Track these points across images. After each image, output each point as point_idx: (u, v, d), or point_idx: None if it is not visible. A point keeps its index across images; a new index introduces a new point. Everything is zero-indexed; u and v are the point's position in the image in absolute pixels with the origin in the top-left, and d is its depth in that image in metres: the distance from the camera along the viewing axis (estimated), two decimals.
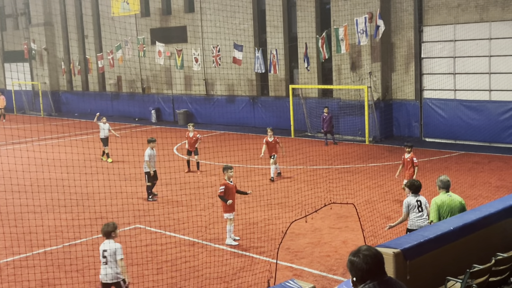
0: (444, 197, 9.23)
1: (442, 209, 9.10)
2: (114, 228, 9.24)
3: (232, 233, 12.93)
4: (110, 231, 9.17)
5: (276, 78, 30.28)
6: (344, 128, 26.21)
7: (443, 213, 9.06)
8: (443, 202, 9.14)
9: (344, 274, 10.65)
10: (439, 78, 24.17)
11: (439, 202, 9.16)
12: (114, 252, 9.04)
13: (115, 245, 9.13)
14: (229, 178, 12.82)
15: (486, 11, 22.58)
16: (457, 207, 9.10)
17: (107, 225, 9.27)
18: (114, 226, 9.28)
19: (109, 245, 9.11)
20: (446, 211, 9.06)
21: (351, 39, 24.97)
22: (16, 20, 45.62)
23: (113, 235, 9.20)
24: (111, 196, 15.80)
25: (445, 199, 9.18)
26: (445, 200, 9.17)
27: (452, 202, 9.15)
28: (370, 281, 4.20)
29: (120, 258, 9.06)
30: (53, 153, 17.96)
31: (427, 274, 6.80)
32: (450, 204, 9.11)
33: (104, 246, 9.13)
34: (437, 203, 9.17)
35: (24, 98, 44.26)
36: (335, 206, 13.58)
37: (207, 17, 32.10)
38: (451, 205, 9.11)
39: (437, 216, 9.08)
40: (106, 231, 9.18)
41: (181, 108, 34.55)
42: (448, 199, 9.18)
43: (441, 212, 9.09)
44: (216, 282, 10.57)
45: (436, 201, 9.22)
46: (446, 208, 9.09)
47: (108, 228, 9.18)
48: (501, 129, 22.56)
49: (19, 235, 12.46)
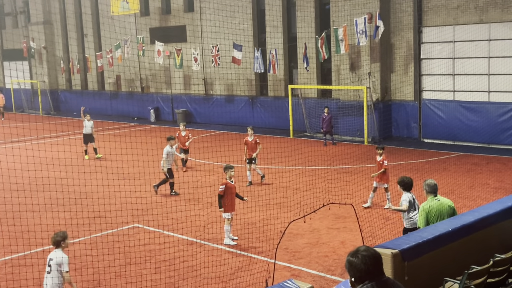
0: (432, 202, 8.92)
1: (431, 215, 8.80)
2: (64, 238, 8.90)
3: (230, 233, 12.93)
4: (59, 240, 8.86)
5: (275, 78, 30.28)
6: (343, 128, 26.22)
7: (432, 219, 8.75)
8: (432, 207, 8.85)
9: (342, 274, 10.65)
10: (438, 79, 24.18)
11: (427, 209, 8.85)
12: (60, 262, 8.76)
13: (63, 256, 8.82)
14: (230, 177, 12.84)
15: (486, 12, 22.60)
16: (446, 211, 8.82)
17: (57, 234, 8.96)
18: (64, 235, 8.94)
19: (55, 254, 8.83)
20: (435, 217, 8.77)
21: (350, 39, 24.97)
22: (15, 18, 45.58)
23: (62, 244, 8.88)
24: (109, 195, 15.80)
25: (434, 204, 8.88)
26: (433, 205, 8.87)
27: (441, 206, 8.85)
28: (368, 282, 4.21)
29: (66, 271, 8.76)
30: (51, 151, 17.95)
31: (425, 275, 6.81)
32: (439, 209, 8.81)
33: (51, 255, 8.88)
34: (425, 209, 8.87)
35: (23, 97, 44.24)
36: (334, 207, 13.59)
37: (207, 16, 32.09)
38: (440, 209, 8.81)
39: (425, 223, 8.77)
40: (55, 240, 8.87)
41: (180, 107, 34.54)
42: (437, 203, 8.88)
43: (429, 218, 8.79)
44: (214, 282, 10.57)
45: (424, 207, 8.92)
46: (435, 214, 8.79)
47: (57, 237, 8.87)
48: (500, 131, 22.57)
49: (17, 234, 12.45)
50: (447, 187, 15.71)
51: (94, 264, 11.59)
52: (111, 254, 12.08)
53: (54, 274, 8.79)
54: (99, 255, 11.98)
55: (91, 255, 11.96)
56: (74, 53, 41.03)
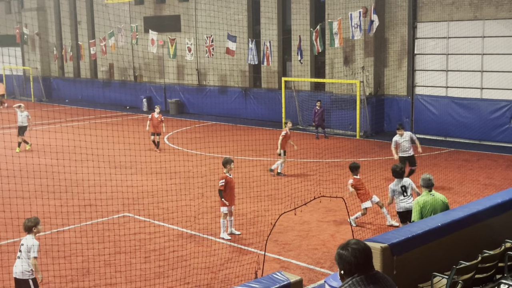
0: (427, 197, 9.10)
1: (425, 210, 8.99)
2: (36, 223, 8.91)
3: (232, 227, 12.78)
4: (31, 226, 8.87)
5: (268, 70, 30.24)
6: (335, 122, 26.25)
7: (426, 213, 8.95)
8: (426, 202, 9.02)
9: (331, 267, 10.70)
10: (432, 74, 24.23)
11: (422, 203, 9.04)
12: (30, 247, 8.76)
13: (33, 241, 8.82)
14: (228, 171, 12.67)
15: (480, 9, 22.64)
16: (440, 206, 8.98)
17: (29, 220, 8.97)
18: (36, 221, 8.95)
19: (26, 240, 8.86)
20: (429, 211, 8.95)
21: (345, 33, 24.96)
22: (8, 4, 45.20)
23: (34, 230, 8.90)
24: (100, 184, 15.77)
25: (428, 199, 9.06)
26: (428, 200, 9.05)
27: (435, 202, 9.03)
28: (357, 275, 4.21)
29: (34, 256, 8.75)
30: (43, 138, 17.87)
31: (413, 269, 6.84)
32: (433, 204, 8.99)
33: (23, 241, 8.92)
34: (420, 204, 9.06)
35: (14, 83, 43.97)
36: (324, 200, 13.61)
37: (201, 6, 31.95)
38: (434, 204, 8.99)
39: (419, 217, 8.99)
40: (27, 225, 8.89)
41: (173, 97, 34.45)
42: (431, 198, 9.06)
43: (423, 212, 8.98)
44: (204, 272, 10.59)
45: (418, 201, 9.11)
46: (429, 208, 8.98)
47: (29, 223, 8.88)
48: (491, 128, 22.67)
49: (7, 220, 12.41)
50: (437, 183, 15.72)
51: (83, 252, 11.59)
52: (100, 242, 12.08)
53: (24, 259, 8.81)
54: (88, 243, 11.97)
55: (80, 243, 11.95)
56: (67, 40, 40.79)
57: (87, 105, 38.35)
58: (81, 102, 39.82)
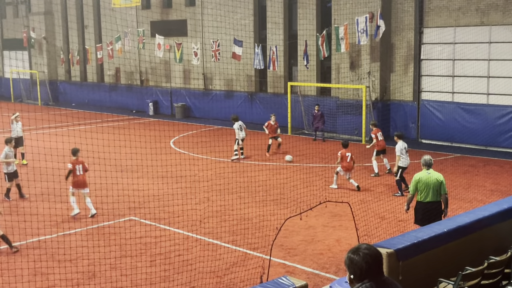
0: (423, 174, 10.88)
1: (420, 184, 10.83)
2: None
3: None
4: None
5: (275, 75, 30.28)
6: (341, 127, 26.24)
7: (420, 187, 10.84)
8: (421, 178, 10.85)
9: (336, 272, 10.69)
10: (438, 80, 24.20)
11: (417, 178, 10.91)
12: None
13: None
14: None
15: (487, 15, 22.61)
16: (433, 183, 10.76)
17: None
18: None
19: None
20: (423, 186, 10.80)
21: (351, 38, 24.98)
22: (16, 8, 45.50)
23: None
24: (106, 187, 15.80)
25: (423, 176, 10.85)
26: (422, 176, 10.85)
27: (429, 179, 10.79)
28: (367, 280, 4.16)
29: None
30: (50, 142, 17.88)
31: (419, 275, 6.84)
32: (426, 181, 10.78)
33: None
34: (416, 179, 10.93)
35: (21, 86, 44.16)
36: (330, 205, 13.62)
37: (208, 11, 32.05)
38: (427, 181, 10.78)
39: (414, 189, 10.97)
40: None
41: (179, 101, 34.52)
42: (426, 176, 10.83)
43: (418, 186, 10.87)
44: (209, 277, 10.60)
45: (415, 177, 10.95)
46: (422, 184, 10.80)
47: None
48: (498, 133, 22.61)
49: (14, 223, 12.46)
50: None
51: (89, 256, 11.61)
52: (106, 246, 12.10)
53: None
54: (94, 247, 11.99)
55: (86, 247, 11.98)
56: (74, 44, 40.93)
57: (93, 109, 38.46)
58: (88, 106, 39.93)
